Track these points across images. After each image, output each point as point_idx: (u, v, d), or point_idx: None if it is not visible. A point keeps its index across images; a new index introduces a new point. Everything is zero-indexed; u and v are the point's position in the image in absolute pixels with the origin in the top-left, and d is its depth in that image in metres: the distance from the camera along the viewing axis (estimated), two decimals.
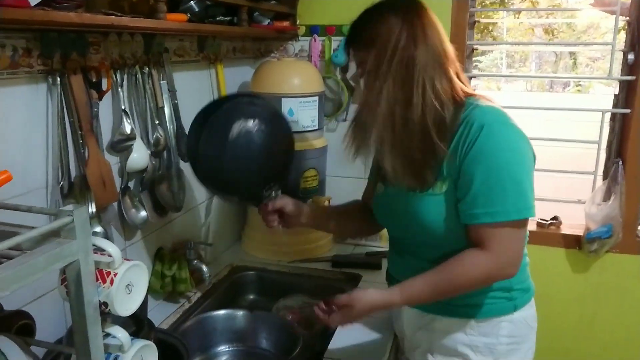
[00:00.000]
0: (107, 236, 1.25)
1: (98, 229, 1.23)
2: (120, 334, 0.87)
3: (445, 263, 1.08)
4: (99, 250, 0.86)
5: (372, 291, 1.13)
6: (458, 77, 1.11)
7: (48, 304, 1.14)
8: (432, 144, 1.05)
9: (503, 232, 1.04)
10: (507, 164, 1.03)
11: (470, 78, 2.07)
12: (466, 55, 1.97)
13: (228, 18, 1.61)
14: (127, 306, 0.86)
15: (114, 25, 1.05)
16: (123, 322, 1.07)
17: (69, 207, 0.77)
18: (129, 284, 0.86)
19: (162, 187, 1.48)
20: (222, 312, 1.53)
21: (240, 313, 1.54)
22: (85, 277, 0.79)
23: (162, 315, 1.49)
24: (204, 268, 1.55)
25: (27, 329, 0.96)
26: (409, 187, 1.12)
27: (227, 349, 1.52)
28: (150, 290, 1.49)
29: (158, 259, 1.51)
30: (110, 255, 0.84)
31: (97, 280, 0.83)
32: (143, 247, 1.47)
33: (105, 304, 0.83)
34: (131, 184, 1.39)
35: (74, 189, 1.17)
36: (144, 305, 1.35)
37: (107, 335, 0.87)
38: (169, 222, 1.59)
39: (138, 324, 1.11)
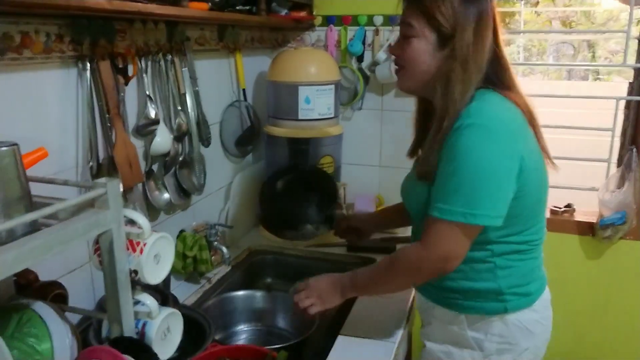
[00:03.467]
0: None
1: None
2: (148, 301, 0.92)
3: (390, 255, 1.16)
4: (129, 222, 0.91)
5: (327, 275, 1.25)
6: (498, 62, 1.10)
7: (78, 277, 1.21)
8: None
9: (443, 228, 1.04)
10: (470, 168, 1.01)
11: None
12: None
13: (247, 7, 1.65)
14: (155, 275, 0.92)
15: (140, 12, 1.10)
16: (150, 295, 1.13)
17: (103, 180, 0.82)
18: (157, 254, 0.92)
19: (184, 171, 1.53)
20: (241, 292, 1.58)
21: (259, 294, 1.59)
22: (118, 245, 0.85)
23: (184, 294, 1.54)
24: (224, 250, 1.60)
25: (60, 298, 1.02)
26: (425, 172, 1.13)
27: (246, 328, 1.57)
28: (172, 270, 1.54)
29: (180, 240, 1.56)
30: (140, 227, 0.89)
31: (128, 249, 0.88)
32: (165, 229, 1.52)
33: (136, 272, 0.88)
34: (154, 168, 1.45)
35: (102, 170, 1.23)
36: (167, 282, 1.41)
37: (137, 302, 0.93)
38: (190, 205, 1.64)
39: (163, 298, 1.16)
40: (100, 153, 1.23)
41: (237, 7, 1.61)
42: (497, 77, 1.09)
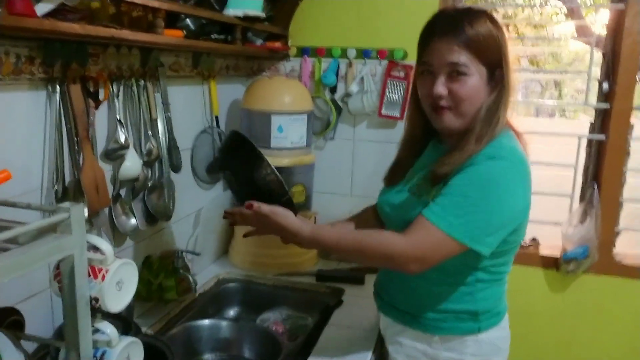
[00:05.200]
0: None
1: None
2: (109, 329, 0.90)
3: (369, 229, 1.19)
4: (92, 248, 0.89)
5: (291, 216, 1.18)
6: None
7: (37, 303, 1.17)
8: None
9: (431, 231, 1.05)
10: (484, 193, 1.04)
11: None
12: None
13: (222, 36, 1.67)
14: (117, 302, 0.90)
15: (114, 37, 1.11)
16: (111, 323, 1.11)
17: (66, 204, 0.81)
18: (120, 281, 0.90)
19: (153, 196, 1.52)
20: (207, 321, 1.56)
21: (224, 323, 1.57)
22: (79, 271, 0.83)
23: (149, 322, 1.51)
24: (191, 277, 1.58)
25: (17, 325, 0.98)
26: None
27: (211, 358, 1.54)
28: (137, 297, 1.52)
29: (146, 267, 1.54)
30: (102, 253, 0.88)
31: (90, 275, 0.86)
32: (131, 254, 1.50)
33: (96, 299, 0.87)
34: (123, 192, 1.43)
35: (68, 193, 1.21)
36: (130, 310, 1.38)
37: (96, 331, 0.91)
38: (158, 231, 1.62)
39: (125, 326, 1.14)
40: (67, 176, 1.21)
41: (213, 36, 1.63)
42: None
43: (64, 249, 0.80)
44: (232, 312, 1.83)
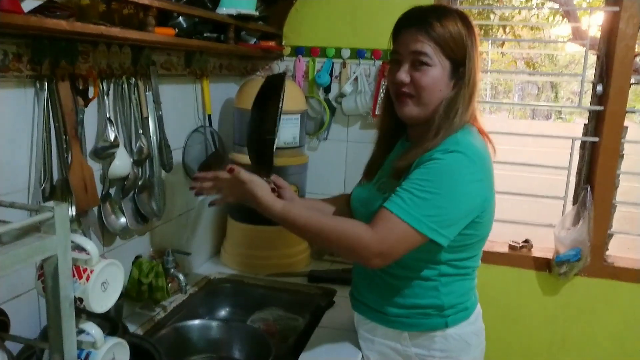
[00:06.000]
0: None
1: (77, 233, 1.26)
2: (93, 330, 0.89)
3: (338, 217, 1.23)
4: (77, 248, 0.88)
5: (267, 189, 1.20)
6: None
7: (23, 303, 1.16)
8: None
9: (400, 228, 1.07)
10: (440, 185, 1.07)
11: None
12: None
13: (215, 35, 1.66)
14: (102, 303, 0.89)
15: (103, 34, 1.09)
16: (98, 324, 1.09)
17: (50, 203, 0.80)
18: (105, 281, 0.89)
19: (143, 195, 1.51)
20: (196, 321, 1.55)
21: (215, 323, 1.56)
22: (63, 272, 0.82)
23: (138, 322, 1.50)
24: (181, 277, 1.57)
25: (1, 325, 0.97)
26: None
27: (200, 358, 1.53)
28: (127, 297, 1.51)
29: (136, 267, 1.52)
30: (87, 253, 0.87)
31: (74, 276, 0.85)
32: (121, 254, 1.49)
33: (81, 300, 0.86)
34: (112, 191, 1.42)
35: (56, 192, 1.20)
36: (119, 310, 1.37)
37: (82, 332, 0.89)
38: (148, 230, 1.61)
39: (112, 327, 1.13)
40: (54, 175, 1.20)
41: (205, 34, 1.62)
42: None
43: (47, 250, 0.79)
44: (223, 313, 1.82)
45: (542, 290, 2.06)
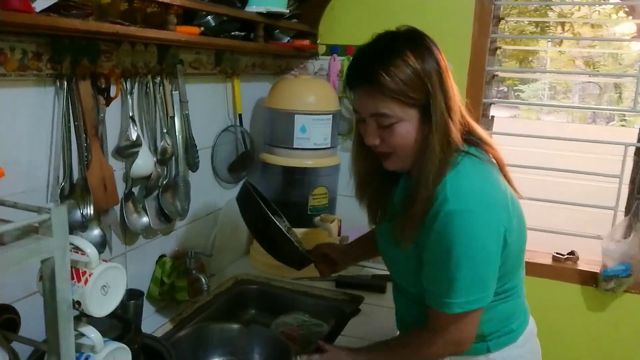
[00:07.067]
0: (105, 239, 1.28)
1: (96, 231, 1.26)
2: (93, 334, 0.88)
3: (400, 337, 1.22)
4: (79, 250, 0.87)
5: (345, 349, 1.24)
6: (462, 121, 1.08)
7: (35, 303, 1.16)
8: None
9: (449, 320, 1.06)
10: (465, 259, 1.01)
11: (490, 104, 2.04)
12: (486, 81, 1.94)
13: (243, 33, 1.64)
14: (101, 307, 0.87)
15: (119, 33, 1.08)
16: (110, 325, 1.09)
17: (49, 205, 0.79)
18: (105, 285, 0.88)
19: (167, 195, 1.50)
20: (217, 324, 1.53)
21: (235, 326, 1.53)
22: (60, 274, 0.80)
23: (159, 322, 1.50)
24: (203, 278, 1.55)
25: (12, 324, 0.98)
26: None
27: None
28: (149, 296, 1.51)
29: (159, 266, 1.53)
30: (87, 256, 0.85)
31: (72, 278, 0.84)
32: (144, 253, 1.49)
33: (79, 303, 0.84)
34: (135, 190, 1.42)
35: (75, 191, 1.20)
36: (137, 310, 1.37)
37: (82, 335, 0.88)
38: (173, 229, 1.61)
39: (125, 328, 1.12)
40: (74, 174, 1.20)
41: (233, 33, 1.60)
42: (470, 130, 1.10)
43: (43, 251, 0.78)
44: (247, 315, 1.80)
45: (587, 306, 1.93)
